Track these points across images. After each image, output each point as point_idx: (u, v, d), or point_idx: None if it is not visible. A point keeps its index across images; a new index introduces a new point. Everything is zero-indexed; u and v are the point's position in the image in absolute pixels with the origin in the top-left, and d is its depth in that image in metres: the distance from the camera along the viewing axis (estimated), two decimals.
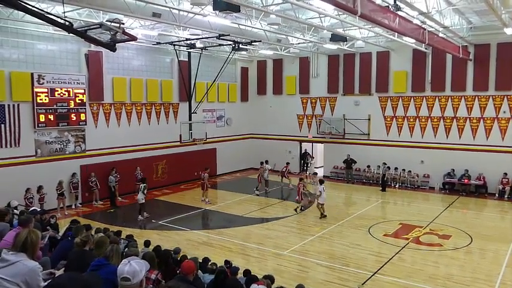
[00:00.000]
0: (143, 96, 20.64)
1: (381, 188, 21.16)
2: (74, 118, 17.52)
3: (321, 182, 16.57)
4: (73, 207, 17.37)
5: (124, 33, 8.42)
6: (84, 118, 17.85)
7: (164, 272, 6.31)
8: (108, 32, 8.19)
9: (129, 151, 19.88)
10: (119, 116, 19.63)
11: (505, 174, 19.16)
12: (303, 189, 17.63)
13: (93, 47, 17.49)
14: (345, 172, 23.38)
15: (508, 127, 19.44)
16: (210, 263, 8.62)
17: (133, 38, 9.21)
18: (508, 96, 19.39)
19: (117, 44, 8.43)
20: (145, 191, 16.06)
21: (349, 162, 22.90)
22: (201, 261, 8.72)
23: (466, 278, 10.60)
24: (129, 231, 13.05)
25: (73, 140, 17.73)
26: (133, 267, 3.57)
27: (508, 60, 19.13)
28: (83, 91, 17.73)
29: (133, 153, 20.03)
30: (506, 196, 18.99)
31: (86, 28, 8.28)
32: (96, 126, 18.59)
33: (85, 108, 17.90)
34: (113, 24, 8.10)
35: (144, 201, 16.06)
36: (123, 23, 8.92)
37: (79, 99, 17.60)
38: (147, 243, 9.46)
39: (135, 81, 20.21)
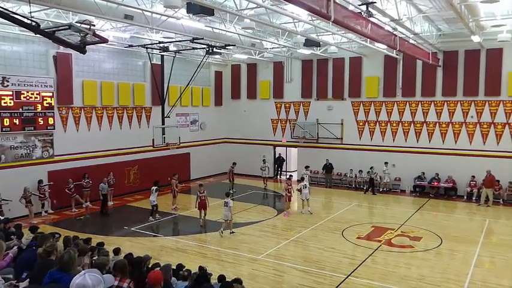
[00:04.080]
0: (114, 100, 20.18)
1: (364, 192, 21.61)
2: (42, 122, 16.92)
3: (302, 179, 18.43)
4: (42, 214, 16.71)
5: (94, 35, 8.19)
6: (52, 122, 17.28)
7: (137, 280, 6.11)
8: (78, 34, 7.93)
9: (99, 156, 19.37)
10: (89, 120, 19.12)
11: (473, 177, 19.75)
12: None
13: (61, 49, 16.99)
14: (324, 177, 23.52)
15: (475, 131, 20.11)
16: (183, 270, 8.43)
17: (104, 40, 8.99)
18: (475, 102, 20.06)
19: (87, 46, 8.18)
20: (156, 193, 16.35)
21: (328, 167, 23.07)
22: (174, 267, 8.52)
23: (436, 279, 10.81)
24: (99, 238, 12.65)
25: (40, 145, 17.11)
26: (85, 280, 3.37)
27: (475, 67, 19.82)
28: (51, 94, 17.17)
29: (104, 159, 19.52)
30: (474, 198, 19.58)
31: (54, 29, 7.98)
32: (65, 131, 18.03)
33: (53, 112, 17.33)
34: (82, 25, 7.86)
35: (155, 203, 16.32)
36: (93, 25, 8.71)
37: (47, 103, 17.03)
38: (116, 251, 9.15)
39: (106, 85, 19.74)
